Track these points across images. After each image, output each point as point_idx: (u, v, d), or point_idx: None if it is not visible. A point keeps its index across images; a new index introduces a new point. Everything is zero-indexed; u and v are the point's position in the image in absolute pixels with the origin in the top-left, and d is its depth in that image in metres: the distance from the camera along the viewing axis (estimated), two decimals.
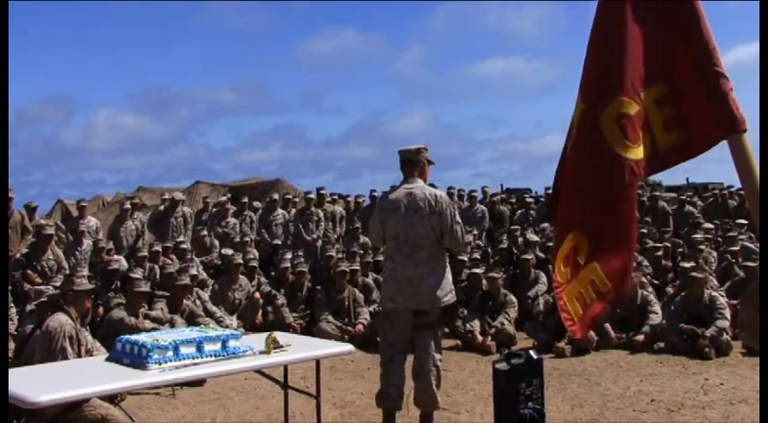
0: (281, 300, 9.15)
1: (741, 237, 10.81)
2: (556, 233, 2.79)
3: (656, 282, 9.42)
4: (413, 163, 5.10)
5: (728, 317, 7.61)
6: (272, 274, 10.27)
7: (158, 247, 9.79)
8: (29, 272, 8.61)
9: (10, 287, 7.99)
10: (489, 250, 11.28)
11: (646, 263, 9.83)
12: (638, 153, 2.32)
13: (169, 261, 9.43)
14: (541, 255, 10.06)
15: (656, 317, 7.88)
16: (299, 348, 4.35)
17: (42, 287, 8.02)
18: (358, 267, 9.31)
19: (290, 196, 13.35)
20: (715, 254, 10.56)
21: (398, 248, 4.95)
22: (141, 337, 3.97)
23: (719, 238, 11.59)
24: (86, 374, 3.79)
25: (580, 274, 2.68)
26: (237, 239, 10.90)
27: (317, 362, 4.66)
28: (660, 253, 10.10)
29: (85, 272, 8.40)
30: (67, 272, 8.39)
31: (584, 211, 2.57)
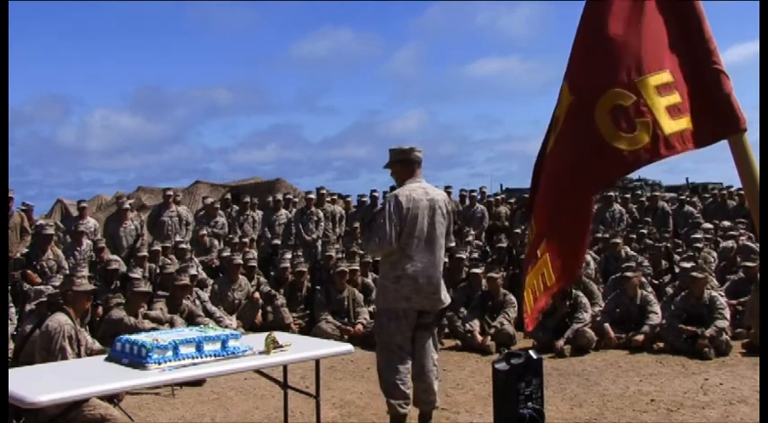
0: (281, 300, 9.15)
1: (741, 237, 10.81)
2: (530, 221, 2.75)
3: (655, 282, 9.43)
4: (416, 163, 5.12)
5: (728, 317, 7.61)
6: (272, 273, 10.28)
7: (158, 247, 9.78)
8: (29, 272, 8.60)
9: (10, 287, 7.98)
10: (488, 250, 11.28)
11: (646, 263, 9.84)
12: (632, 142, 2.30)
13: (169, 261, 9.43)
14: None
15: (656, 317, 7.88)
16: (298, 348, 4.35)
17: (42, 287, 8.01)
18: (358, 267, 9.31)
19: (290, 196, 13.36)
20: (715, 254, 10.56)
21: (419, 247, 4.90)
22: (141, 337, 3.97)
23: (719, 238, 11.60)
24: (86, 374, 3.79)
25: (537, 265, 2.67)
26: (236, 240, 10.90)
27: (317, 362, 4.66)
28: (660, 253, 10.10)
29: (86, 272, 8.39)
30: (67, 272, 8.38)
31: (554, 201, 2.54)
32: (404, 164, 5.07)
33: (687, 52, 2.30)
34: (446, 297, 5.04)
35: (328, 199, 12.58)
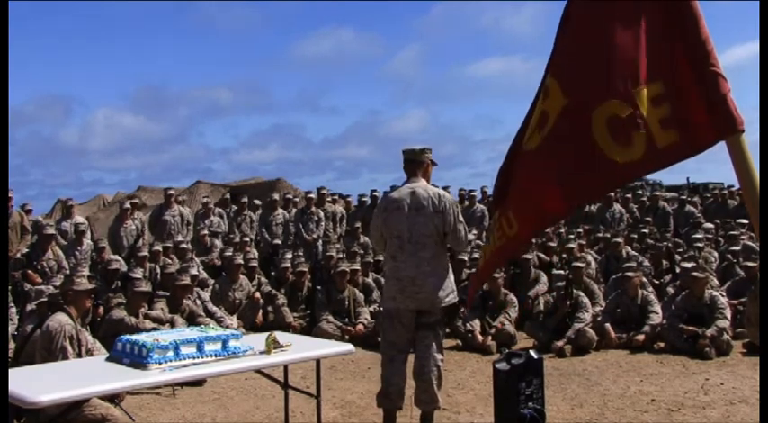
0: (282, 299, 9.16)
1: (742, 237, 10.81)
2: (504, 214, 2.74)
3: (656, 282, 9.43)
4: (416, 163, 5.10)
5: (729, 317, 7.61)
6: (273, 273, 10.28)
7: (159, 247, 9.79)
8: (29, 271, 8.61)
9: (10, 287, 7.99)
10: None
11: (647, 263, 9.84)
12: (627, 154, 2.30)
13: (169, 261, 9.44)
14: (542, 255, 10.08)
15: (657, 317, 7.88)
16: (299, 348, 4.35)
17: (43, 287, 8.02)
18: (358, 267, 9.31)
19: (291, 196, 13.36)
20: (716, 254, 10.56)
21: (401, 247, 4.93)
22: (141, 337, 3.97)
23: (720, 238, 11.59)
24: (86, 374, 3.79)
25: (495, 231, 2.75)
26: (237, 240, 10.91)
27: (318, 362, 4.66)
28: (661, 253, 10.10)
29: (86, 272, 8.40)
30: (68, 271, 8.39)
31: (532, 203, 2.57)
32: (405, 164, 5.15)
33: (684, 54, 2.29)
34: (440, 297, 4.91)
35: (329, 199, 12.58)
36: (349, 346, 4.71)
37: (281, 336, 4.35)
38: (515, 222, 2.62)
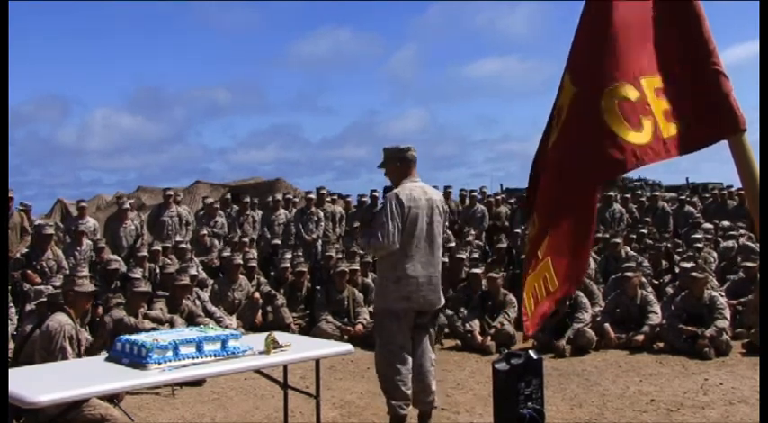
0: (281, 300, 9.15)
1: (741, 237, 10.81)
2: (531, 217, 2.73)
3: (655, 282, 9.43)
4: (414, 162, 5.12)
5: (728, 317, 7.61)
6: (272, 273, 10.28)
7: (158, 247, 9.79)
8: (29, 272, 8.59)
9: (10, 287, 7.98)
10: (488, 250, 11.29)
11: (646, 263, 9.84)
12: (639, 137, 2.29)
13: (169, 261, 9.43)
14: None
15: (656, 317, 7.88)
16: (298, 348, 4.35)
17: (42, 287, 8.01)
18: (358, 267, 9.31)
19: (290, 196, 13.36)
20: (715, 254, 10.56)
21: (419, 247, 4.91)
22: (141, 337, 3.97)
23: (719, 238, 11.60)
24: (86, 374, 3.79)
25: (537, 268, 2.62)
26: (236, 239, 10.90)
27: (317, 362, 4.66)
28: (660, 253, 10.10)
29: (86, 272, 8.37)
30: (67, 272, 8.38)
31: (554, 199, 2.53)
32: (402, 162, 5.06)
33: (686, 52, 2.30)
34: (442, 298, 5.09)
35: (328, 199, 12.59)
36: (348, 346, 4.71)
37: (280, 336, 4.35)
38: (537, 222, 2.62)
